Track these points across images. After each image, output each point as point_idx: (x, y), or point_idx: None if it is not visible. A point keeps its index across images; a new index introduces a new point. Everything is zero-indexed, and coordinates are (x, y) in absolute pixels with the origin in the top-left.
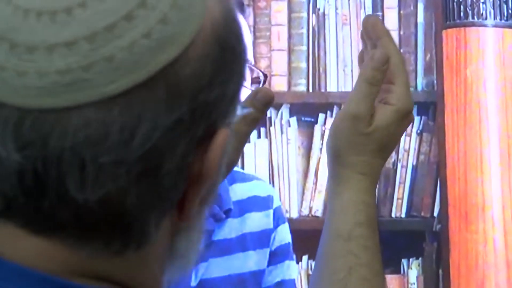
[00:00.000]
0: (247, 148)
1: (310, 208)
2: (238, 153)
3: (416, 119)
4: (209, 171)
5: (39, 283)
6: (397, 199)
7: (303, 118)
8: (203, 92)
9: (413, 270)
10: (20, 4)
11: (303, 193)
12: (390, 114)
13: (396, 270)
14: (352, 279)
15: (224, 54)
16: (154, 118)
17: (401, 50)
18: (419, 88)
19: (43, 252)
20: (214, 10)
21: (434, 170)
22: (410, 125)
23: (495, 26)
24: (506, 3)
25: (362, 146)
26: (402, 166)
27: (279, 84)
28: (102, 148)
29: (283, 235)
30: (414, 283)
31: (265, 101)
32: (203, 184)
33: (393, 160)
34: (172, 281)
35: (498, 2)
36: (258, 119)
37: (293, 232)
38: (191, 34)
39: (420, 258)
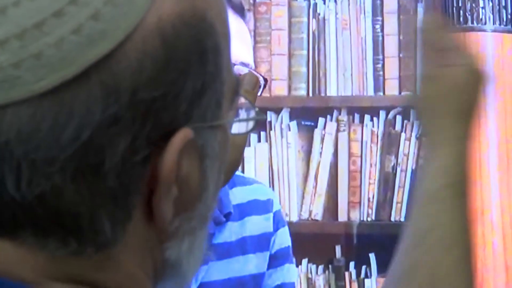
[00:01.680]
0: (247, 152)
1: (310, 212)
2: (239, 155)
3: (416, 123)
4: (166, 173)
5: None
6: (397, 203)
7: (303, 122)
8: (143, 90)
9: None
10: None
11: (302, 197)
12: (462, 74)
13: None
14: (430, 237)
15: (171, 53)
16: (85, 114)
17: (401, 55)
18: (419, 92)
19: (14, 256)
20: (165, 7)
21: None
22: (410, 129)
23: (495, 31)
24: (505, 8)
25: (442, 110)
26: (401, 170)
27: (279, 88)
28: (33, 144)
29: (283, 238)
30: None
31: (252, 83)
32: (165, 188)
33: (392, 164)
34: None
35: (498, 7)
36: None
37: (292, 235)
38: (127, 30)
39: None
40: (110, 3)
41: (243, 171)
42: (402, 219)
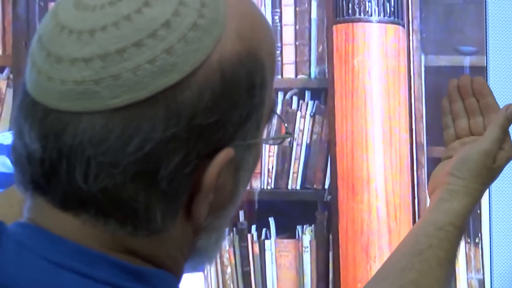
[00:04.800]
0: None
1: None
2: None
3: (310, 103)
4: (207, 183)
5: (95, 259)
6: (293, 173)
7: None
8: (200, 116)
9: (306, 235)
10: (60, 21)
11: None
12: (504, 158)
13: (292, 235)
14: (429, 253)
15: (227, 87)
16: (150, 131)
17: (297, 43)
18: (313, 76)
19: (80, 228)
20: (227, 47)
21: (325, 148)
22: (305, 108)
23: (379, 22)
24: (389, 1)
25: (483, 177)
26: (297, 144)
27: None
28: (101, 149)
29: None
30: (307, 247)
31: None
32: (205, 194)
33: (289, 139)
34: (192, 269)
35: (382, 1)
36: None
37: None
38: (194, 65)
39: (313, 225)
40: (183, 40)
41: None
42: (298, 188)
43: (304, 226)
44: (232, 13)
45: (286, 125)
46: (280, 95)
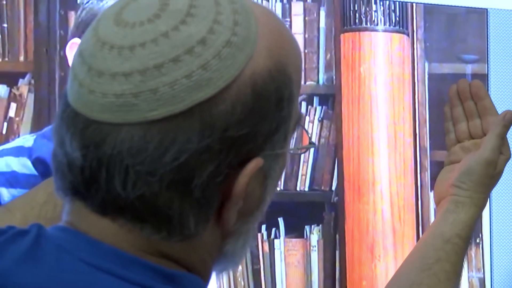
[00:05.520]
0: None
1: None
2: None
3: (318, 108)
4: (237, 191)
5: (130, 262)
6: (302, 175)
7: None
8: (233, 129)
9: (314, 235)
10: (101, 37)
11: None
12: (504, 161)
13: (300, 235)
14: (437, 267)
15: (258, 101)
16: (185, 142)
17: (306, 51)
18: (321, 82)
19: (117, 232)
20: (259, 63)
21: (332, 151)
22: (313, 113)
23: (385, 31)
24: (394, 11)
25: (485, 186)
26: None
27: None
28: (139, 159)
29: None
30: (315, 246)
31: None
32: (235, 201)
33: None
34: (219, 272)
35: (388, 11)
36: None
37: None
38: (227, 80)
39: (320, 225)
40: (218, 57)
41: None
42: (306, 189)
43: (312, 226)
44: (262, 30)
45: (310, 135)
46: None
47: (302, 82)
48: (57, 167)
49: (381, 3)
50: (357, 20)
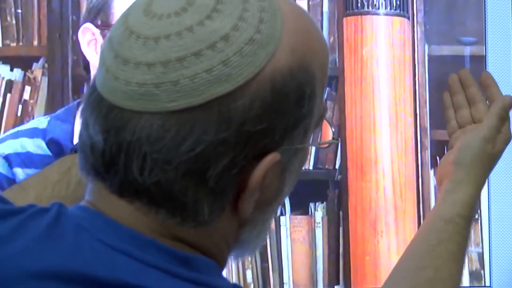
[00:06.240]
0: None
1: None
2: None
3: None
4: (253, 183)
5: (146, 244)
6: None
7: None
8: (250, 123)
9: (318, 212)
10: (129, 25)
11: None
12: (503, 141)
13: (305, 212)
14: (441, 248)
15: (277, 98)
16: (202, 133)
17: None
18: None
19: (133, 214)
20: (280, 60)
21: (336, 131)
22: None
23: (386, 14)
24: None
25: (484, 163)
26: None
27: None
28: (157, 147)
29: None
30: (319, 223)
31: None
32: (250, 193)
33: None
34: (235, 259)
35: None
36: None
37: None
38: (247, 77)
39: (324, 202)
40: (239, 53)
41: None
42: (311, 168)
43: (317, 203)
44: (288, 28)
45: (333, 130)
46: None
47: None
48: (81, 147)
49: None
50: (359, 4)
